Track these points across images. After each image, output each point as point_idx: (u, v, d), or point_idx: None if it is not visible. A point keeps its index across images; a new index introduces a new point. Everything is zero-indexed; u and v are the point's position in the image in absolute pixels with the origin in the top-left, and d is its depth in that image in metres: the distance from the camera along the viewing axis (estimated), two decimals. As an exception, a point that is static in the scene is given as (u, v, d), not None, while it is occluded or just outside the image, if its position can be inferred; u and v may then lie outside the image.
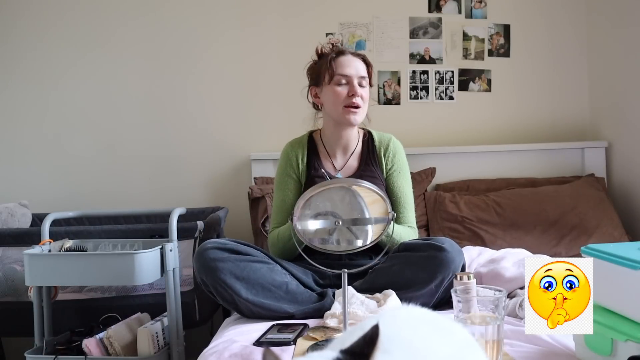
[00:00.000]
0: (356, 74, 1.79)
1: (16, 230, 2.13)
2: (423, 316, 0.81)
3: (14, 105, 2.74)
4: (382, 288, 1.60)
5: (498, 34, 2.77)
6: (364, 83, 1.81)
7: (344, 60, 1.80)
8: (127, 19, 2.72)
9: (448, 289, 1.57)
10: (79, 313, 2.03)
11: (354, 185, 1.28)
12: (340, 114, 1.80)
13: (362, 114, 1.81)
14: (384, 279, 1.60)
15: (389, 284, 1.59)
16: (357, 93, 1.77)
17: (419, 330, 0.76)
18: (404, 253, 1.62)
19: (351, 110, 1.78)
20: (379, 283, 1.61)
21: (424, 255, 1.58)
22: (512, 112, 2.79)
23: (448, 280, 1.56)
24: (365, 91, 1.81)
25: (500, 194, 2.49)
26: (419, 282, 1.56)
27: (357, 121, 1.82)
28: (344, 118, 1.80)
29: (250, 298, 1.56)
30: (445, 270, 1.54)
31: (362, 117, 1.83)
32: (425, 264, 1.56)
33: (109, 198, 2.70)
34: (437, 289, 1.56)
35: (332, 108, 1.81)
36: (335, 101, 1.79)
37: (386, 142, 1.89)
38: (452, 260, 1.55)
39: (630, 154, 2.56)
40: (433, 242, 1.60)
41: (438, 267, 1.54)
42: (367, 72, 1.83)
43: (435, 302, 1.59)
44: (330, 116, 1.85)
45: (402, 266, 1.59)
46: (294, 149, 1.89)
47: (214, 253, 1.59)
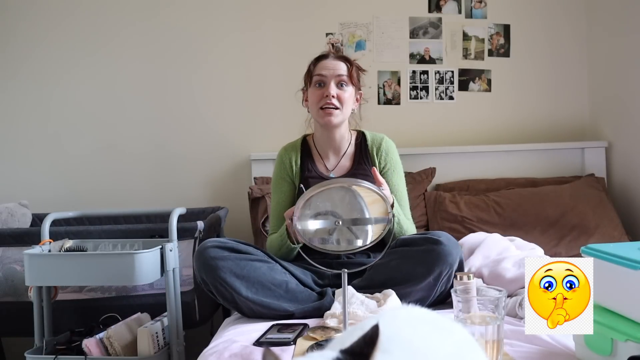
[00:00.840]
0: (333, 74, 1.79)
1: (16, 230, 2.13)
2: (423, 316, 0.81)
3: (15, 106, 2.74)
4: (380, 284, 1.61)
5: (498, 34, 2.77)
6: (344, 82, 1.80)
7: (323, 63, 1.82)
8: (127, 20, 2.72)
9: (447, 282, 1.59)
10: (79, 313, 2.03)
11: (354, 185, 1.28)
12: (318, 116, 1.82)
13: (340, 115, 1.80)
14: (383, 274, 1.61)
15: (388, 280, 1.60)
16: (330, 93, 1.77)
17: (418, 330, 0.76)
18: (401, 248, 1.63)
19: (326, 112, 1.79)
20: (377, 279, 1.62)
21: (421, 249, 1.59)
22: (512, 112, 2.79)
23: (446, 273, 1.57)
24: (346, 91, 1.80)
25: (500, 194, 2.49)
26: (417, 276, 1.57)
27: (334, 122, 1.80)
28: (321, 120, 1.81)
29: (251, 296, 1.57)
30: (442, 263, 1.55)
31: (341, 118, 1.81)
32: (423, 257, 1.57)
33: (109, 198, 2.70)
34: (436, 282, 1.57)
35: (312, 110, 1.84)
36: (312, 103, 1.82)
37: (378, 141, 1.90)
38: (449, 253, 1.56)
39: (630, 154, 2.56)
40: (430, 235, 1.62)
41: (435, 261, 1.56)
42: (349, 71, 1.81)
43: (435, 296, 1.60)
44: (313, 118, 1.88)
45: (400, 261, 1.60)
46: (288, 153, 1.91)
47: (214, 252, 1.59)
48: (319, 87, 1.80)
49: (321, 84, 1.80)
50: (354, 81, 1.83)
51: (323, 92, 1.79)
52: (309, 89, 1.84)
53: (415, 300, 1.58)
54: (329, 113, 1.78)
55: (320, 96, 1.79)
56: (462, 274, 1.38)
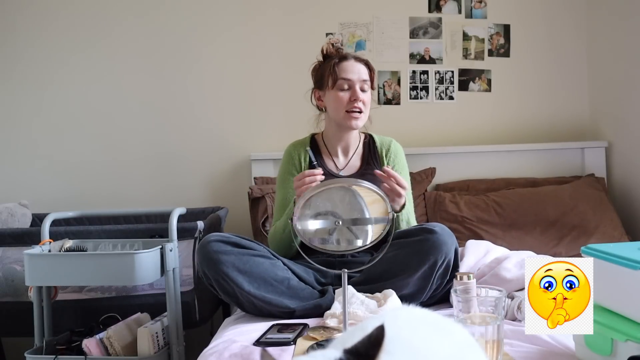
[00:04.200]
0: (358, 79, 1.82)
1: (16, 230, 2.13)
2: (424, 317, 0.82)
3: (15, 106, 2.74)
4: (378, 276, 1.62)
5: (498, 34, 2.77)
6: (366, 87, 1.84)
7: (346, 65, 1.84)
8: (127, 19, 2.72)
9: (444, 274, 1.60)
10: (79, 313, 2.03)
11: (354, 185, 1.28)
12: (342, 119, 1.85)
13: (363, 118, 1.85)
14: (380, 267, 1.61)
15: (385, 271, 1.61)
16: (359, 98, 1.81)
17: (419, 331, 0.76)
18: (397, 240, 1.63)
19: (353, 115, 1.83)
20: (375, 272, 1.63)
21: (416, 239, 1.60)
22: (512, 112, 2.79)
23: (442, 263, 1.57)
24: (367, 95, 1.85)
25: (500, 194, 2.49)
26: (412, 266, 1.58)
27: (359, 125, 1.86)
28: (346, 123, 1.84)
29: (253, 291, 1.57)
30: (436, 252, 1.56)
31: (364, 121, 1.87)
32: (418, 247, 1.58)
33: (109, 198, 2.70)
34: (432, 272, 1.58)
35: (334, 112, 1.86)
36: (337, 106, 1.84)
37: (387, 144, 1.95)
38: (443, 242, 1.57)
39: (630, 154, 2.56)
40: (425, 226, 1.64)
41: (430, 250, 1.57)
42: (370, 76, 1.86)
43: (431, 288, 1.61)
44: (333, 119, 1.89)
45: (396, 252, 1.61)
46: (297, 149, 1.94)
47: (216, 246, 1.60)
48: (344, 91, 1.82)
49: (346, 87, 1.82)
50: (373, 85, 1.89)
51: (350, 95, 1.82)
52: (330, 90, 1.85)
53: (413, 292, 1.59)
54: (356, 117, 1.83)
55: (346, 100, 1.82)
56: (462, 273, 1.38)
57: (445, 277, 1.61)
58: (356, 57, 1.87)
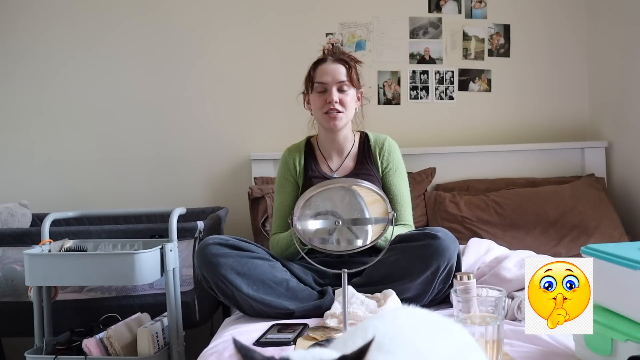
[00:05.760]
0: (333, 80, 1.82)
1: (16, 230, 2.13)
2: (424, 317, 0.82)
3: (15, 106, 2.73)
4: (379, 280, 1.61)
5: (498, 34, 2.77)
6: (345, 87, 1.83)
7: (323, 68, 1.85)
8: (127, 19, 2.72)
9: (446, 279, 1.59)
10: (79, 313, 2.03)
11: (354, 185, 1.28)
12: (322, 120, 1.86)
13: (343, 118, 1.84)
14: (382, 270, 1.62)
15: (387, 275, 1.61)
16: (332, 100, 1.81)
17: (420, 331, 0.76)
18: (399, 244, 1.63)
19: (331, 116, 1.82)
20: (376, 275, 1.63)
21: (419, 244, 1.60)
22: (512, 112, 2.79)
23: (444, 268, 1.57)
24: (347, 95, 1.83)
25: (500, 194, 2.48)
26: (415, 271, 1.57)
27: (338, 126, 1.85)
28: (326, 124, 1.85)
29: (251, 294, 1.57)
30: (440, 257, 1.56)
31: (345, 121, 1.86)
32: (420, 252, 1.58)
33: (109, 198, 2.70)
34: (434, 277, 1.57)
35: (316, 115, 1.89)
36: (316, 108, 1.86)
37: (381, 142, 1.93)
38: (446, 247, 1.56)
39: (630, 154, 2.56)
40: (428, 231, 1.63)
41: (433, 255, 1.56)
42: (348, 74, 1.83)
43: (433, 292, 1.60)
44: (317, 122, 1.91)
45: (399, 257, 1.61)
46: (292, 154, 1.94)
47: (215, 249, 1.60)
48: (321, 93, 1.83)
49: (323, 90, 1.83)
50: (355, 83, 1.86)
51: (325, 98, 1.82)
52: (311, 94, 1.87)
53: (414, 296, 1.59)
54: (334, 117, 1.82)
55: (323, 102, 1.83)
56: (462, 273, 1.38)
57: (447, 282, 1.60)
58: (336, 57, 1.86)
